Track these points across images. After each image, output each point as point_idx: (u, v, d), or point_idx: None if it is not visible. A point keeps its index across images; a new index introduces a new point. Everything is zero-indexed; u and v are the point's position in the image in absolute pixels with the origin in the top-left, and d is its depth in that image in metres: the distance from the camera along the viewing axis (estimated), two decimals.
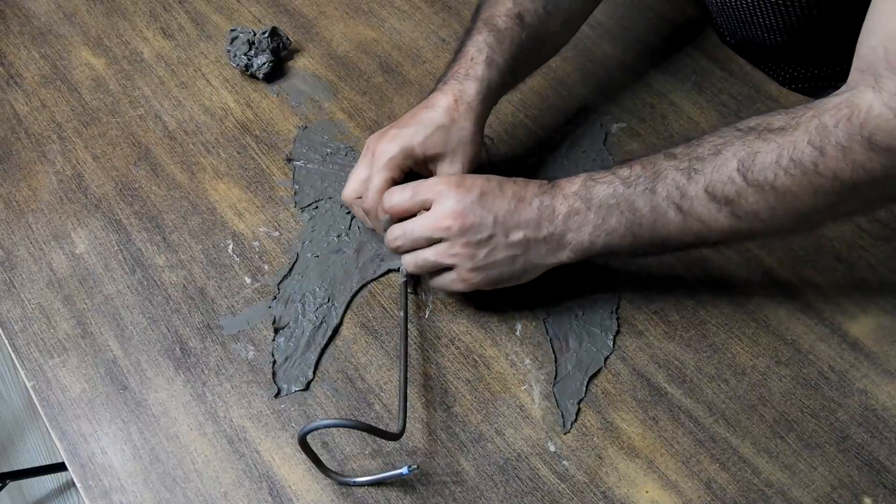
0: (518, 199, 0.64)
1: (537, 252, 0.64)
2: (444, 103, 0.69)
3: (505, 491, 0.61)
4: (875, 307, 0.70)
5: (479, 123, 0.71)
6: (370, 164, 0.69)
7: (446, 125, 0.69)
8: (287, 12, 0.94)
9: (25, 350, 0.68)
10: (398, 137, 0.69)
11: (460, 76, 0.71)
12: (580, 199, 0.63)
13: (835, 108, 0.57)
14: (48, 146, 0.82)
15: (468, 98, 0.70)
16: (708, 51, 0.90)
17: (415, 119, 0.69)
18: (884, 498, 0.61)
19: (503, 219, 0.63)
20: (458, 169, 0.69)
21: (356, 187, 0.70)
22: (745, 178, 0.59)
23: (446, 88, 0.70)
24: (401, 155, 0.68)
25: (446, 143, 0.69)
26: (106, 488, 0.62)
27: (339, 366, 0.68)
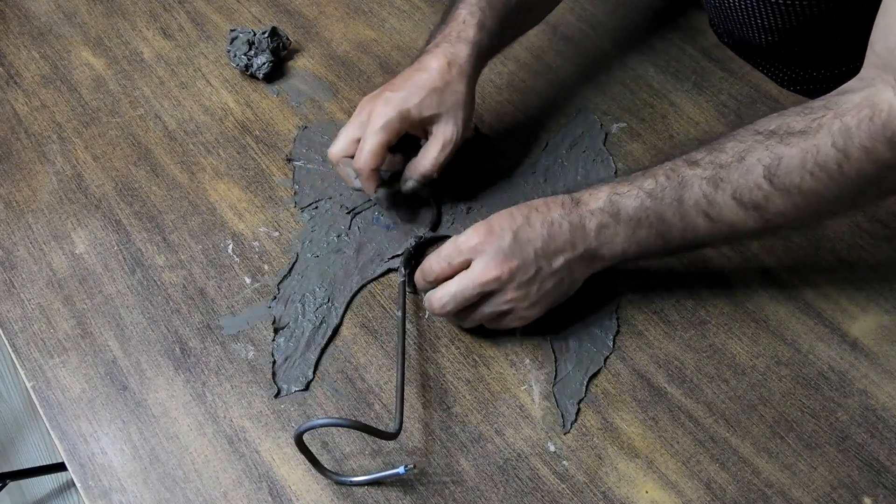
0: (548, 225, 0.64)
1: (578, 269, 0.65)
2: (438, 66, 0.70)
3: (505, 491, 0.61)
4: (875, 307, 0.70)
5: (471, 85, 0.71)
6: (362, 126, 0.70)
7: (440, 87, 0.69)
8: (287, 12, 0.94)
9: (25, 350, 0.68)
10: (393, 100, 0.69)
11: (452, 38, 0.71)
12: (608, 215, 0.63)
13: (856, 109, 0.57)
14: (48, 146, 0.82)
15: (461, 61, 0.70)
16: (708, 51, 0.89)
17: (409, 81, 0.70)
18: (884, 498, 0.61)
19: (542, 250, 0.63)
20: (452, 130, 0.70)
21: (346, 147, 0.71)
22: (772, 183, 0.60)
23: (438, 51, 0.71)
24: (397, 118, 0.69)
25: (440, 105, 0.70)
26: (106, 488, 0.62)
27: (339, 366, 0.68)
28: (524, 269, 0.63)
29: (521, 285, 0.63)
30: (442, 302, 0.64)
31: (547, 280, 0.64)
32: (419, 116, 0.69)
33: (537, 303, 0.65)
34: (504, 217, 0.64)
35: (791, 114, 0.60)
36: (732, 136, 0.62)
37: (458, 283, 0.63)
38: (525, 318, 0.65)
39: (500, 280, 0.63)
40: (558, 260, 0.64)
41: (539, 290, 0.64)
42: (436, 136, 0.71)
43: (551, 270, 0.64)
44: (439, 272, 0.65)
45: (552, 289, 0.65)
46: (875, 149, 0.57)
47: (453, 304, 0.64)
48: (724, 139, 0.62)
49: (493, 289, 0.63)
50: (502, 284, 0.63)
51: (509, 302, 0.64)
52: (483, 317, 0.65)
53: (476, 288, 0.63)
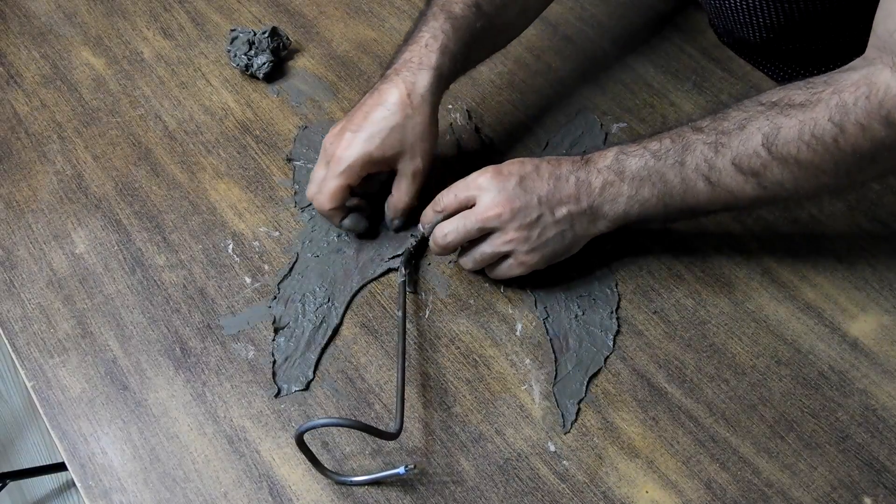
0: (555, 178, 0.66)
1: (580, 224, 0.67)
2: (397, 98, 0.69)
3: (505, 491, 0.61)
4: (875, 307, 0.70)
5: (433, 114, 0.71)
6: (327, 167, 0.70)
7: (401, 123, 0.69)
8: (287, 12, 0.94)
9: (25, 350, 0.68)
10: (354, 143, 0.69)
11: (413, 65, 0.71)
12: (613, 172, 0.66)
13: (854, 86, 0.59)
14: (48, 146, 0.82)
15: (420, 90, 0.70)
16: (708, 51, 0.89)
17: (368, 120, 0.69)
18: (884, 498, 0.61)
19: (546, 198, 0.65)
20: (418, 164, 0.70)
21: (313, 188, 0.71)
22: (770, 151, 0.62)
23: (398, 80, 0.70)
24: (359, 163, 0.69)
25: (402, 142, 0.70)
26: (106, 488, 0.62)
27: (339, 366, 0.68)
28: (525, 212, 0.65)
29: (521, 227, 0.65)
30: (444, 232, 0.67)
31: (549, 228, 0.66)
32: (382, 157, 0.69)
33: (537, 249, 0.66)
34: (514, 163, 0.67)
35: (794, 87, 0.62)
36: (737, 105, 0.64)
37: (461, 217, 0.66)
38: (524, 263, 0.67)
39: (500, 217, 0.65)
40: (561, 210, 0.66)
41: (540, 237, 0.66)
42: (403, 172, 0.71)
43: (554, 219, 0.66)
44: (446, 203, 0.68)
45: (553, 238, 0.66)
46: (871, 126, 0.58)
47: (454, 236, 0.67)
48: (730, 108, 0.65)
49: (494, 226, 0.65)
50: (503, 223, 0.65)
51: (509, 243, 0.66)
52: (484, 256, 0.67)
53: (478, 223, 0.65)
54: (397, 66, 0.71)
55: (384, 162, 0.70)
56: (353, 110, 0.71)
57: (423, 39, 0.72)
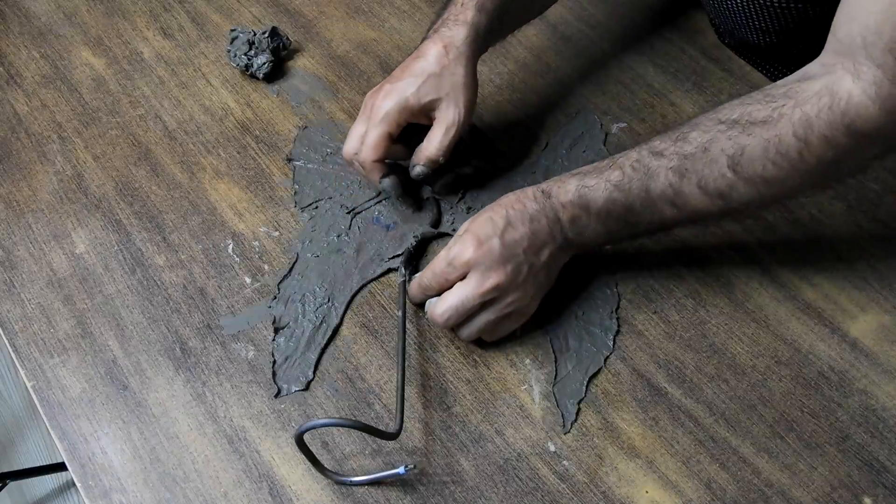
0: (529, 222, 0.65)
1: (560, 257, 0.68)
2: (434, 51, 0.71)
3: (505, 491, 0.61)
4: (875, 307, 0.70)
5: (471, 66, 0.72)
6: (367, 121, 0.71)
7: (437, 72, 0.70)
8: (287, 12, 0.94)
9: (25, 350, 0.68)
10: (392, 92, 0.70)
11: (449, 22, 0.72)
12: (578, 207, 0.65)
13: (816, 97, 0.59)
14: (48, 146, 0.82)
15: (457, 43, 0.71)
16: (708, 51, 0.89)
17: (406, 71, 0.71)
18: (884, 498, 0.61)
19: (529, 247, 0.65)
20: (454, 112, 0.71)
21: (355, 144, 0.72)
22: (736, 172, 0.62)
23: (436, 36, 0.72)
24: (396, 109, 0.70)
25: (439, 89, 0.70)
26: (106, 488, 0.62)
27: (339, 366, 0.68)
28: (519, 271, 0.64)
29: (518, 287, 0.65)
30: (445, 316, 0.65)
31: (539, 274, 0.66)
32: (419, 104, 0.70)
33: (534, 297, 0.67)
34: (486, 224, 0.65)
35: (753, 102, 0.62)
36: (695, 125, 0.64)
37: (458, 296, 0.64)
38: (525, 314, 0.67)
39: (500, 287, 0.64)
40: (544, 253, 0.65)
41: (533, 285, 0.66)
42: (439, 121, 0.72)
43: (541, 264, 0.66)
44: (438, 288, 0.66)
45: (543, 280, 0.67)
46: (834, 136, 0.58)
47: (455, 317, 0.65)
48: (688, 128, 0.64)
49: (494, 296, 0.64)
50: (503, 291, 0.64)
51: (511, 305, 0.65)
52: (488, 324, 0.66)
53: (477, 298, 0.64)
54: (436, 26, 0.73)
55: (421, 110, 0.71)
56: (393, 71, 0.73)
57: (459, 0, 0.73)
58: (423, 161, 0.72)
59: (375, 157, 0.71)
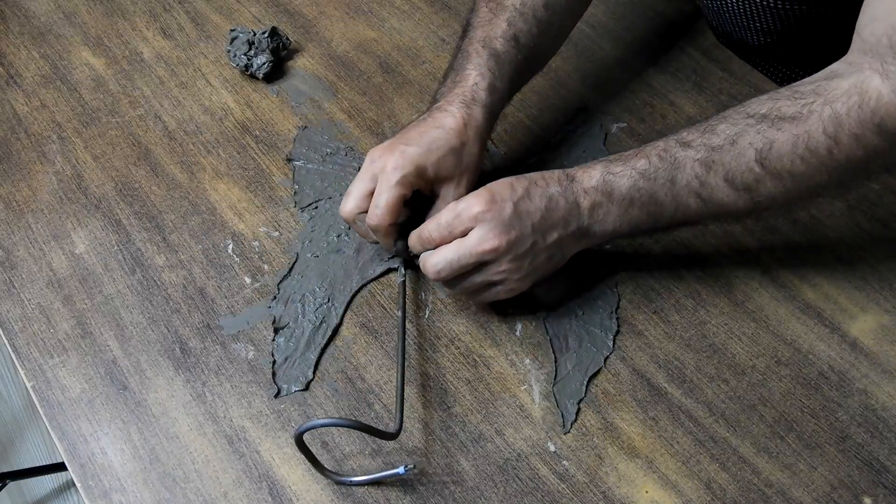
0: (547, 200, 0.64)
1: (568, 245, 0.66)
2: (455, 126, 0.68)
3: (505, 491, 0.61)
4: (875, 307, 0.70)
5: (483, 151, 0.71)
6: (374, 179, 0.67)
7: (457, 148, 0.68)
8: (287, 12, 0.94)
9: (25, 350, 0.68)
10: (409, 155, 0.66)
11: (468, 100, 0.69)
12: (601, 194, 0.64)
13: (845, 95, 0.59)
14: (48, 146, 0.82)
15: (476, 123, 0.69)
16: (708, 51, 0.90)
17: (425, 138, 0.67)
18: (884, 498, 0.61)
19: (539, 224, 0.64)
20: (462, 192, 0.68)
21: (359, 203, 0.67)
22: (764, 166, 0.61)
23: (454, 109, 0.69)
24: (414, 173, 0.66)
25: (456, 167, 0.68)
26: (106, 488, 0.62)
27: (339, 366, 0.68)
28: (521, 242, 0.63)
29: (516, 257, 0.64)
30: (438, 267, 0.64)
31: (540, 254, 0.65)
32: (434, 175, 0.67)
33: (527, 276, 0.65)
34: (505, 187, 0.64)
35: (781, 97, 0.62)
36: (723, 118, 0.63)
37: (455, 251, 0.63)
38: (513, 290, 0.66)
39: (497, 251, 0.63)
40: (552, 235, 0.64)
41: (531, 263, 0.65)
42: (442, 199, 0.69)
43: (545, 245, 0.64)
44: (438, 240, 0.64)
45: (543, 262, 0.65)
46: (864, 135, 0.58)
47: (448, 271, 0.64)
48: (716, 121, 0.63)
49: (490, 259, 0.64)
50: (499, 255, 0.63)
51: (502, 273, 0.64)
52: (474, 285, 0.65)
53: (473, 257, 0.63)
54: (448, 98, 0.70)
55: (431, 183, 0.68)
56: (402, 131, 0.69)
57: (471, 78, 0.70)
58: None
59: (391, 220, 0.66)
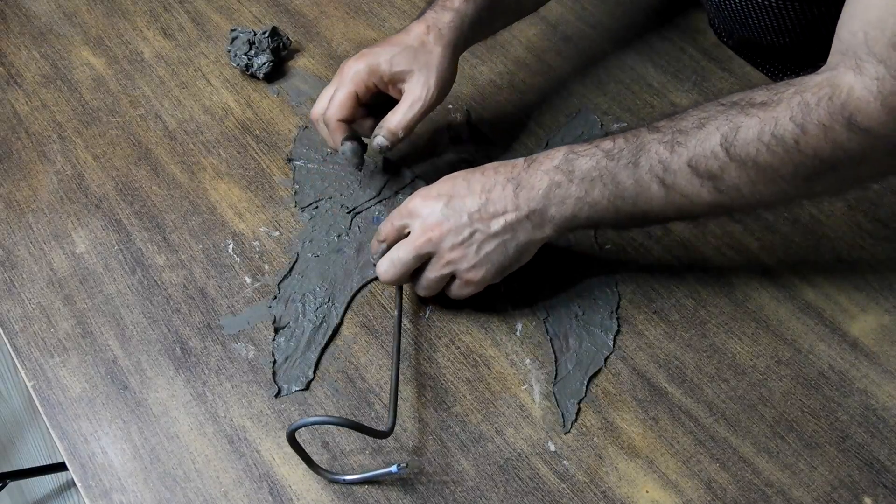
0: (487, 191, 0.64)
1: (524, 231, 0.64)
2: (416, 29, 0.72)
3: (505, 491, 0.61)
4: (875, 307, 0.70)
5: (450, 50, 0.72)
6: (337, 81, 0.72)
7: (415, 46, 0.71)
8: (287, 12, 0.94)
9: (25, 350, 0.68)
10: (366, 55, 0.71)
11: (437, 7, 0.73)
12: (561, 173, 0.63)
13: (817, 87, 0.58)
14: (48, 146, 0.82)
15: (440, 25, 0.71)
16: (708, 51, 0.90)
17: (385, 42, 0.72)
18: (884, 498, 0.61)
19: (478, 213, 0.64)
20: (423, 89, 0.70)
21: (322, 104, 0.72)
22: (728, 152, 0.60)
23: (421, 18, 0.73)
24: (366, 70, 0.70)
25: (412, 62, 0.70)
26: (106, 488, 0.62)
27: (340, 365, 0.68)
28: (456, 231, 0.64)
29: (454, 247, 0.64)
30: (383, 268, 0.66)
31: (486, 242, 0.64)
32: (389, 71, 0.70)
33: (478, 265, 0.65)
34: (445, 181, 0.66)
35: (756, 89, 0.61)
36: (697, 106, 0.63)
37: (395, 249, 0.66)
38: (471, 281, 0.65)
39: (431, 242, 0.64)
40: (498, 222, 0.64)
41: (478, 253, 0.64)
42: (406, 95, 0.71)
43: (490, 233, 0.64)
44: (386, 233, 0.67)
45: (494, 251, 0.64)
46: (832, 128, 0.57)
47: (394, 270, 0.65)
48: (690, 108, 0.63)
49: (429, 251, 0.64)
50: (435, 246, 0.64)
51: (448, 265, 0.65)
52: (430, 282, 0.66)
53: (411, 252, 0.64)
54: (425, 9, 0.74)
55: (391, 78, 0.71)
56: None
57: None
58: (383, 132, 0.72)
59: (340, 115, 0.71)
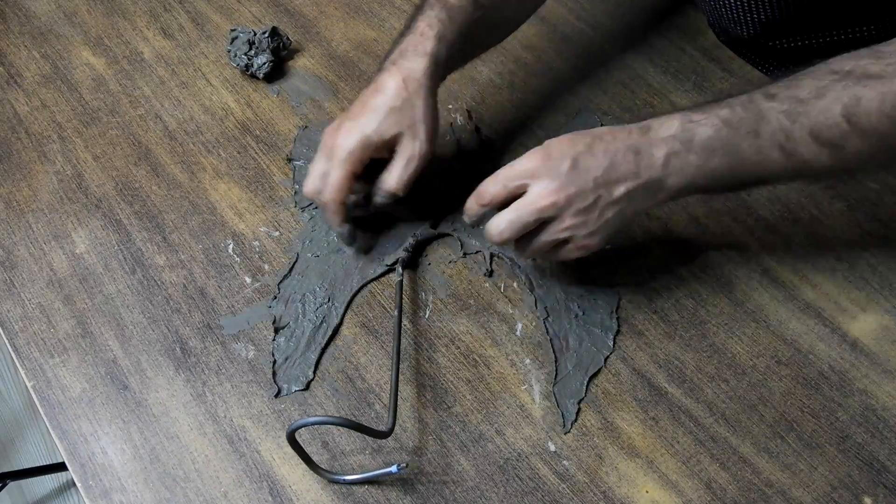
0: (611, 155, 0.62)
1: (641, 199, 0.63)
2: (393, 85, 0.68)
3: (505, 491, 0.61)
4: (875, 307, 0.70)
5: (431, 98, 0.70)
6: (329, 159, 0.69)
7: (398, 107, 0.68)
8: (287, 12, 0.94)
9: (25, 350, 0.68)
10: (353, 129, 0.68)
11: (409, 54, 0.70)
12: (679, 142, 0.62)
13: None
14: (48, 146, 0.82)
15: (417, 75, 0.69)
16: (708, 51, 0.90)
17: (367, 107, 0.69)
18: (884, 498, 0.61)
19: (602, 178, 0.62)
20: (415, 146, 0.68)
21: (316, 183, 0.69)
22: (850, 122, 0.59)
23: (394, 69, 0.69)
24: (359, 147, 0.68)
25: (400, 124, 0.68)
26: (106, 488, 0.62)
27: (340, 365, 0.68)
28: (581, 197, 0.62)
29: (578, 213, 0.62)
30: (499, 229, 0.63)
31: (607, 209, 0.63)
32: (381, 139, 0.68)
33: (596, 232, 0.63)
34: (564, 143, 0.63)
35: (863, 56, 0.60)
36: (807, 73, 0.61)
37: (514, 210, 0.63)
38: (584, 247, 0.64)
39: (556, 206, 0.62)
40: (619, 188, 0.62)
41: (599, 219, 0.63)
42: (399, 154, 0.69)
43: (611, 199, 0.62)
44: (494, 194, 0.64)
45: (612, 218, 0.63)
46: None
47: (510, 232, 0.63)
48: (800, 76, 0.61)
49: (550, 215, 0.62)
50: (559, 211, 0.62)
51: (567, 230, 0.63)
52: (541, 245, 0.64)
53: (532, 214, 0.62)
54: (393, 56, 0.71)
55: (384, 146, 0.69)
56: (353, 104, 0.71)
57: (419, 28, 0.71)
58: (382, 194, 0.70)
59: (340, 198, 0.69)
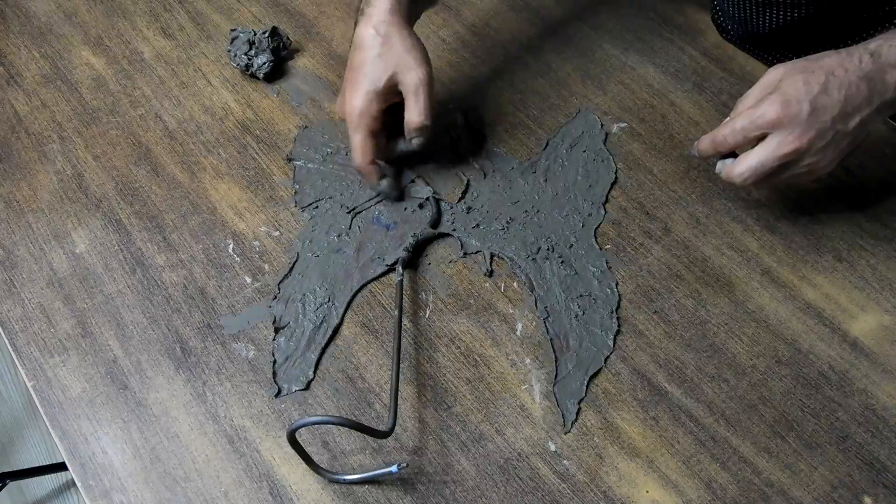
0: (845, 89, 0.65)
1: (871, 122, 0.67)
2: (367, 35, 0.72)
3: (505, 490, 0.61)
4: (875, 307, 0.70)
5: (406, 29, 0.73)
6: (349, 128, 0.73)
7: (380, 52, 0.71)
8: (287, 12, 0.94)
9: (26, 350, 0.68)
10: (353, 92, 0.72)
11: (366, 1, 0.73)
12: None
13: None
14: (48, 146, 0.82)
15: (383, 17, 0.72)
16: (708, 51, 0.90)
17: (354, 67, 0.72)
18: (884, 498, 0.61)
19: (839, 115, 0.65)
20: (414, 76, 0.71)
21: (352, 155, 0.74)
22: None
23: (363, 20, 0.73)
24: (365, 105, 0.71)
25: (388, 64, 0.71)
26: (106, 488, 0.62)
27: (340, 365, 0.68)
28: (822, 136, 0.65)
29: (818, 151, 0.66)
30: (744, 176, 0.67)
31: (842, 140, 0.66)
32: (379, 88, 0.71)
33: (832, 161, 0.67)
34: (799, 85, 0.65)
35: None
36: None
37: (758, 158, 0.66)
38: (820, 176, 0.69)
39: (799, 152, 0.65)
40: (854, 120, 0.65)
41: (835, 151, 0.66)
42: (406, 91, 0.72)
43: (847, 130, 0.66)
44: (734, 144, 0.68)
45: (846, 146, 0.67)
46: None
47: (754, 178, 0.67)
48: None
49: (793, 159, 0.66)
50: (800, 154, 0.66)
51: (807, 166, 0.67)
52: (779, 183, 0.69)
53: (776, 161, 0.66)
54: (361, 6, 0.74)
55: (387, 92, 0.72)
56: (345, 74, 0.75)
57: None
58: (413, 134, 0.73)
59: (367, 160, 0.73)
